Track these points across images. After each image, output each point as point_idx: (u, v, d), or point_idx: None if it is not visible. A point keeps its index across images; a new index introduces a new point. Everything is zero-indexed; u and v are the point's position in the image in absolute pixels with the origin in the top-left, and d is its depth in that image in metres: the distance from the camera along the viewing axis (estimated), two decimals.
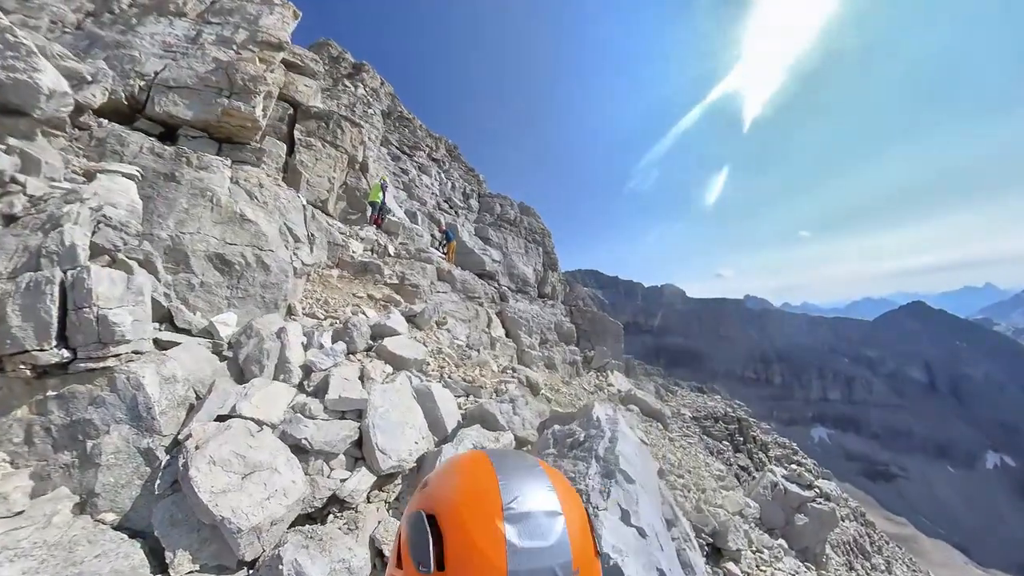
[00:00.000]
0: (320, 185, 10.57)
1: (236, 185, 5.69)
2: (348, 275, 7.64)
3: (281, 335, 3.84)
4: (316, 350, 4.00)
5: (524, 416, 4.23)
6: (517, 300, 19.77)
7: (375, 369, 4.13)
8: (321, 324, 4.89)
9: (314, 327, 4.70)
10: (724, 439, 21.14)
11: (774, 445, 25.12)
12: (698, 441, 19.02)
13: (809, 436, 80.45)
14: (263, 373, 3.49)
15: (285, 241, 5.72)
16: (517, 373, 8.65)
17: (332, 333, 4.53)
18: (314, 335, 4.23)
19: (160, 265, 3.94)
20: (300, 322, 4.85)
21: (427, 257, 10.12)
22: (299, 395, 3.44)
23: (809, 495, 9.43)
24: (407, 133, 22.57)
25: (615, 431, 2.95)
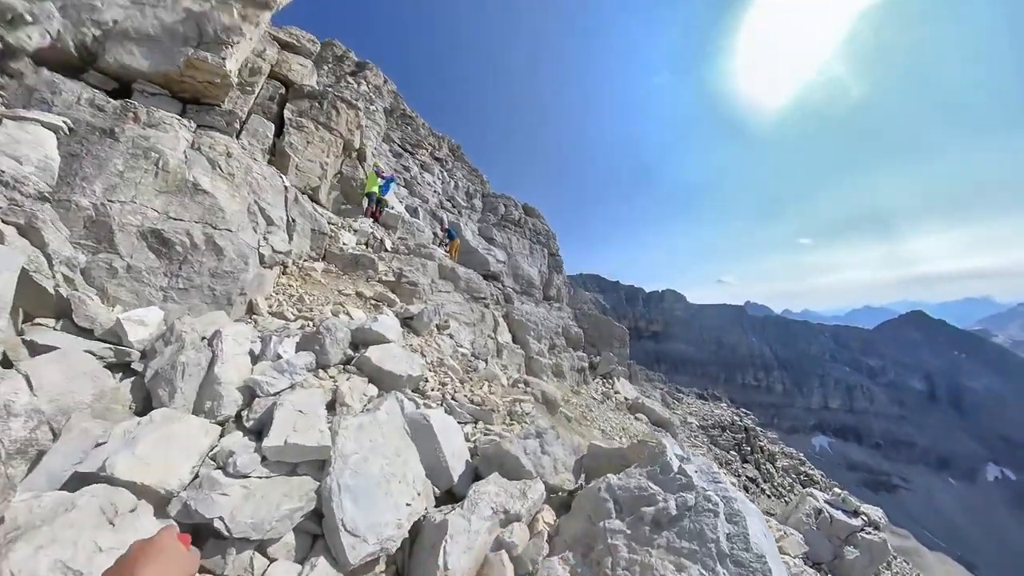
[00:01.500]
0: (311, 171, 9.47)
1: (196, 151, 4.57)
2: (335, 269, 6.52)
3: (215, 342, 2.70)
4: (268, 364, 2.85)
5: (555, 454, 3.10)
6: (523, 302, 18.66)
7: (353, 391, 2.96)
8: (287, 327, 3.75)
9: (276, 331, 3.56)
10: (732, 449, 20.23)
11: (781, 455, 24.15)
12: (707, 452, 18.09)
13: (810, 445, 79.55)
14: (173, 400, 2.34)
15: (254, 222, 4.60)
16: (530, 387, 7.50)
17: (299, 339, 3.39)
18: (271, 342, 3.08)
19: (53, 236, 2.82)
20: (262, 323, 3.72)
21: (428, 253, 9.02)
22: (231, 435, 2.28)
23: (857, 524, 8.27)
24: (409, 131, 21.61)
25: (726, 497, 1.83)
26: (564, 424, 7.30)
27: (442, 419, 3.15)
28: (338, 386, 3.03)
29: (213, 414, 2.45)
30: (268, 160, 8.84)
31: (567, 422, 7.52)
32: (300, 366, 2.84)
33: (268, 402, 2.56)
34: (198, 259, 3.55)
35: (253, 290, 3.97)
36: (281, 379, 2.72)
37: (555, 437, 3.27)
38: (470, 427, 3.92)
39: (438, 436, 2.90)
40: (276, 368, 2.75)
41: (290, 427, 2.30)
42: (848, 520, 8.08)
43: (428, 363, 4.78)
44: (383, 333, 3.76)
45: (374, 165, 11.12)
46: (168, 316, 3.28)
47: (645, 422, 16.28)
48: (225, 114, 5.44)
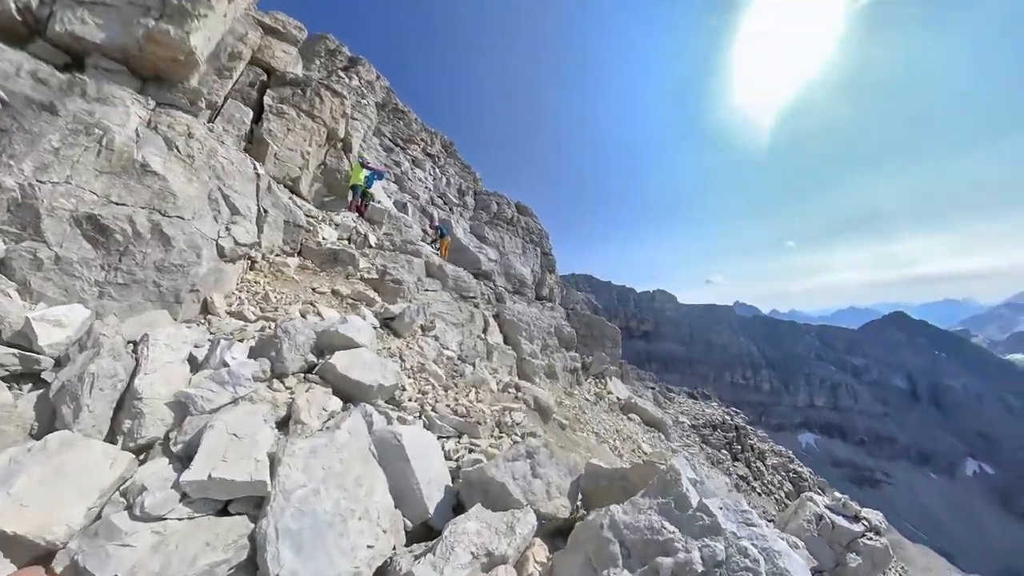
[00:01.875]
0: (291, 160, 8.96)
1: (151, 130, 4.09)
2: (312, 265, 6.05)
3: (140, 348, 2.27)
4: (208, 375, 2.41)
5: (548, 477, 2.72)
6: (515, 302, 18.28)
7: (311, 405, 2.54)
8: (244, 329, 3.30)
9: (230, 334, 3.12)
10: (723, 447, 20.27)
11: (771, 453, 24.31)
12: (699, 451, 18.06)
13: (797, 442, 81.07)
14: (78, 420, 1.91)
15: (215, 211, 4.13)
16: (522, 392, 7.13)
17: (254, 344, 2.95)
18: (218, 348, 2.64)
19: None
20: (217, 325, 3.27)
21: (414, 249, 8.58)
22: (154, 463, 1.86)
23: (858, 529, 8.09)
24: (401, 126, 21.06)
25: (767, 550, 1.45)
26: (557, 432, 6.95)
27: (417, 437, 2.74)
28: (294, 399, 2.61)
29: (132, 436, 2.02)
30: (244, 148, 8.31)
31: (560, 430, 7.17)
32: (245, 376, 2.40)
33: (202, 421, 2.13)
34: (141, 250, 3.08)
35: (208, 287, 3.52)
36: (221, 392, 2.29)
37: (548, 456, 2.90)
38: (453, 442, 3.52)
39: (411, 459, 2.50)
40: (216, 379, 2.31)
41: (218, 455, 1.88)
42: (850, 526, 7.86)
43: (407, 369, 4.37)
44: (351, 336, 3.33)
45: (360, 156, 10.61)
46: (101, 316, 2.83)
47: (638, 422, 16.16)
48: (189, 91, 4.90)
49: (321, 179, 10.33)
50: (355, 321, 3.51)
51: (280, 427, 2.55)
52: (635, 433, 14.07)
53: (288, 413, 2.59)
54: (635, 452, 11.57)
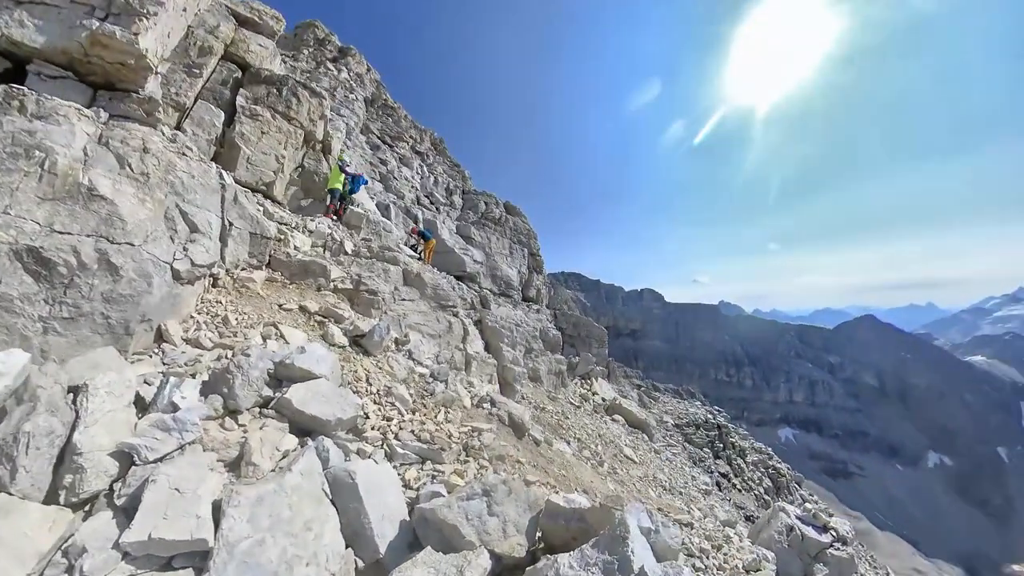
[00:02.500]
0: (265, 164, 8.74)
1: (102, 146, 3.93)
2: (281, 278, 5.93)
3: (80, 399, 2.20)
4: (153, 420, 2.35)
5: (505, 514, 2.75)
6: (500, 305, 18.28)
7: (264, 445, 2.51)
8: (198, 360, 3.22)
9: (183, 366, 3.05)
10: (705, 446, 20.81)
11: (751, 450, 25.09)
12: (682, 451, 18.52)
13: (776, 436, 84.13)
14: (15, 482, 1.84)
15: (171, 230, 4.00)
16: (496, 408, 7.15)
17: (207, 379, 2.89)
18: (166, 387, 2.57)
19: None
20: (171, 356, 3.18)
21: (392, 256, 8.48)
22: (97, 518, 1.82)
23: (827, 540, 8.31)
24: (390, 122, 20.71)
25: None
26: (531, 449, 6.98)
27: (372, 473, 2.74)
28: (247, 438, 2.58)
29: (75, 491, 1.97)
30: (215, 152, 8.08)
31: (535, 446, 7.21)
32: (191, 421, 2.35)
33: (147, 472, 2.09)
34: (87, 281, 2.97)
35: (162, 314, 3.41)
36: (167, 439, 2.24)
37: (506, 494, 2.92)
38: (415, 469, 3.52)
39: (364, 498, 2.50)
40: (160, 426, 2.26)
41: (159, 513, 1.85)
42: (818, 537, 8.08)
43: (372, 393, 4.33)
44: (309, 368, 3.28)
45: (340, 159, 10.41)
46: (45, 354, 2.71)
47: (622, 423, 16.38)
48: (144, 101, 4.69)
49: (298, 182, 10.13)
50: (314, 350, 3.46)
51: (232, 468, 2.52)
52: (618, 436, 14.28)
53: (240, 453, 2.55)
54: (616, 457, 11.71)
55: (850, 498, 67.39)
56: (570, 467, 7.30)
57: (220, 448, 2.49)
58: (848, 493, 69.75)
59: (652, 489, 10.71)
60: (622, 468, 10.99)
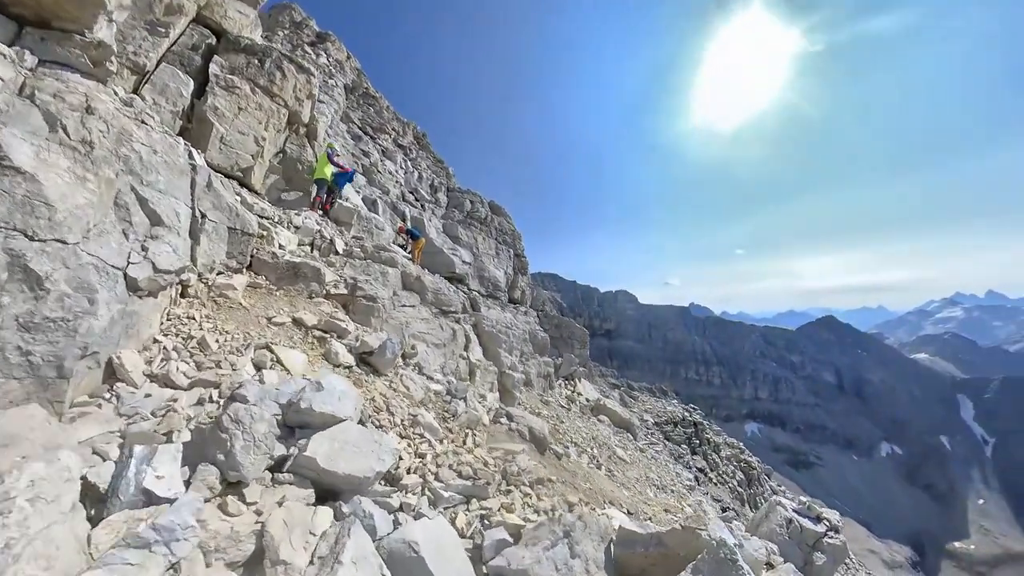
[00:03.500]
0: (242, 146, 7.55)
1: (25, 100, 2.86)
2: (266, 283, 4.90)
3: None
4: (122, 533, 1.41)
5: (586, 553, 2.09)
6: (489, 308, 17.45)
7: (291, 528, 1.65)
8: (171, 409, 2.26)
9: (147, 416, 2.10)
10: (683, 442, 21.09)
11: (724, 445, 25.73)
12: (663, 448, 18.62)
13: (743, 431, 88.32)
14: None
15: (124, 223, 2.98)
16: (515, 423, 6.40)
17: (191, 439, 1.97)
18: (130, 463, 1.64)
19: None
20: (129, 403, 2.21)
21: (389, 257, 7.52)
22: None
23: (821, 529, 8.62)
24: (372, 112, 19.32)
25: None
26: (555, 464, 6.30)
27: (431, 536, 1.98)
28: (264, 524, 1.71)
29: None
30: (181, 129, 6.84)
31: (557, 460, 6.54)
32: (183, 525, 1.43)
33: None
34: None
35: (112, 342, 2.41)
36: (149, 562, 1.33)
37: (583, 528, 2.25)
38: (462, 512, 2.76)
39: (433, 571, 1.73)
40: (134, 541, 1.34)
41: None
42: (814, 527, 8.45)
43: (398, 425, 3.50)
44: (331, 411, 2.41)
45: (328, 146, 9.26)
46: None
47: (607, 423, 16.30)
48: (91, 46, 3.54)
49: (279, 170, 8.94)
50: (333, 384, 2.58)
51: (249, 572, 1.65)
52: (608, 437, 14.12)
53: (259, 548, 1.68)
54: (611, 459, 11.42)
55: (811, 487, 71.53)
56: (592, 479, 6.73)
57: (226, 547, 1.62)
58: (809, 483, 74.07)
59: (649, 489, 10.55)
60: (618, 470, 10.78)
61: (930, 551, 62.17)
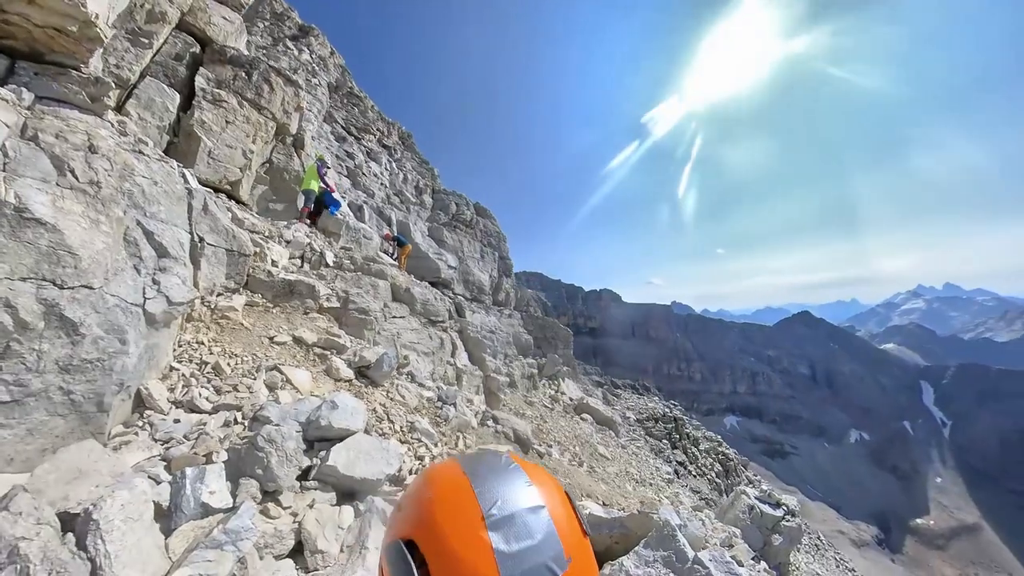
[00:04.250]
0: (230, 159, 7.66)
1: (28, 143, 3.02)
2: (262, 302, 5.10)
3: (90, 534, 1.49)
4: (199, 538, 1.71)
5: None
6: (474, 312, 17.75)
7: (324, 525, 2.05)
8: (202, 432, 2.52)
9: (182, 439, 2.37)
10: (664, 438, 21.97)
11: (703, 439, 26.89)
12: (644, 444, 19.40)
13: (723, 423, 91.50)
14: None
15: (135, 258, 3.18)
16: (500, 425, 6.79)
17: (229, 458, 2.25)
18: (185, 485, 1.93)
19: None
20: (162, 429, 2.45)
21: (378, 269, 7.76)
22: None
23: (780, 514, 9.57)
24: (356, 113, 19.22)
25: None
26: (535, 460, 6.75)
27: None
28: (300, 523, 2.06)
29: None
30: (168, 144, 6.91)
31: (539, 459, 6.97)
32: (245, 528, 1.74)
33: None
34: (32, 347, 2.18)
35: (141, 374, 2.66)
36: (222, 559, 1.64)
37: None
38: None
39: None
40: (211, 543, 1.65)
41: None
42: (773, 512, 9.38)
43: (398, 431, 3.83)
44: (347, 425, 2.75)
45: (318, 157, 9.36)
46: None
47: (590, 422, 16.86)
48: (89, 82, 3.65)
49: (265, 180, 9.02)
50: (345, 402, 2.90)
51: (293, 558, 1.99)
52: (590, 435, 14.69)
53: (298, 541, 2.03)
54: (593, 456, 11.96)
55: (786, 475, 75.30)
56: (571, 475, 7.21)
57: (273, 542, 1.96)
58: (784, 471, 77.81)
59: (628, 484, 11.10)
60: (599, 466, 11.31)
61: (894, 528, 66.01)
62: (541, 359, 21.04)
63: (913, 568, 55.89)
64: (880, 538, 61.80)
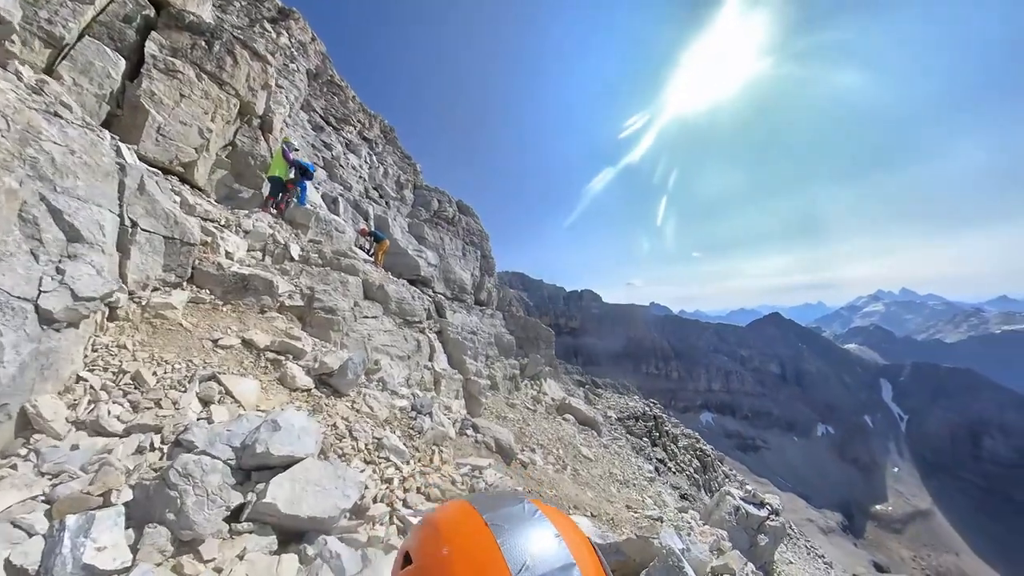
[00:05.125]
0: (183, 138, 6.90)
1: None
2: (211, 300, 4.48)
3: None
4: None
5: None
6: (455, 311, 17.20)
7: None
8: (103, 464, 1.97)
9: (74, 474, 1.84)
10: (644, 436, 22.17)
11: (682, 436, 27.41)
12: (626, 443, 19.49)
13: (699, 420, 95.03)
14: None
15: (33, 241, 2.59)
16: (480, 434, 6.36)
17: (133, 498, 1.74)
18: (63, 539, 1.42)
19: None
20: (50, 459, 1.90)
21: (349, 265, 7.16)
22: None
23: (764, 514, 9.64)
24: (336, 102, 18.20)
25: None
26: (521, 474, 6.34)
27: None
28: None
29: None
30: (108, 115, 6.11)
31: (523, 469, 6.58)
32: None
33: None
34: None
35: (27, 388, 2.08)
36: None
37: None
38: None
39: None
40: None
41: None
42: (758, 512, 9.47)
43: (362, 450, 3.35)
44: (290, 452, 2.24)
45: (284, 140, 8.64)
46: None
47: (573, 422, 16.73)
48: None
49: (227, 164, 8.24)
50: (291, 421, 2.39)
51: None
52: (573, 436, 14.55)
53: None
54: (576, 458, 11.76)
55: (758, 468, 78.84)
56: (558, 485, 6.85)
57: None
58: (756, 464, 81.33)
59: (612, 486, 10.97)
60: (583, 468, 11.14)
61: (857, 515, 70.34)
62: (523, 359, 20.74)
63: (873, 551, 59.91)
64: (844, 525, 65.52)
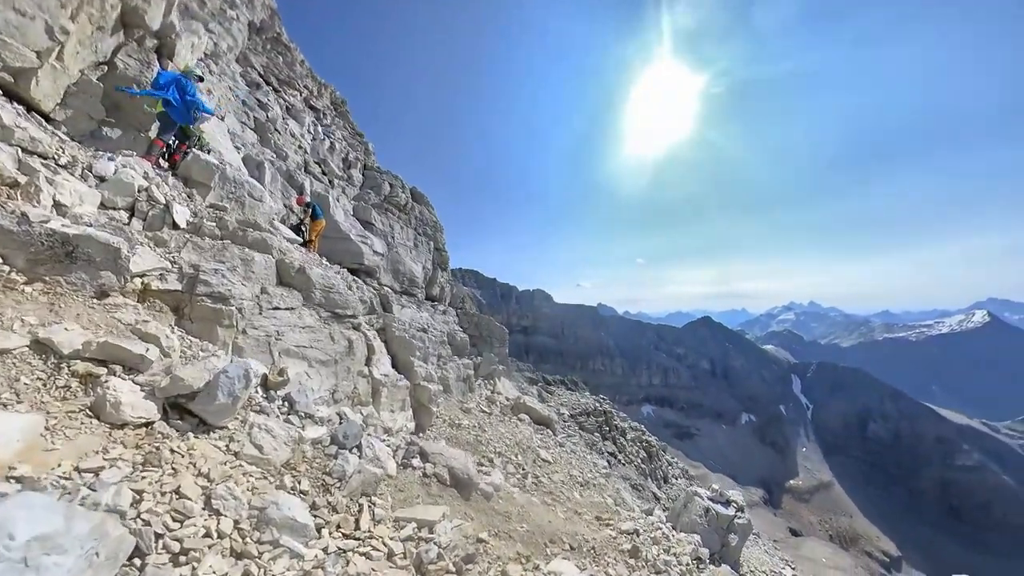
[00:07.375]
0: (20, 34, 4.74)
1: None
2: (7, 275, 2.75)
3: None
4: None
5: None
6: (404, 306, 15.45)
7: None
8: None
9: None
10: (595, 431, 22.25)
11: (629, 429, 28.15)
12: (580, 440, 19.27)
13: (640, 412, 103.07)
14: None
15: None
16: (430, 462, 5.06)
17: None
18: None
19: None
20: None
21: (259, 239, 5.44)
22: None
23: (732, 512, 9.49)
24: (281, 63, 15.30)
25: None
26: (483, 509, 5.13)
27: None
28: None
29: None
30: None
31: (486, 502, 5.38)
32: None
33: None
34: None
35: None
36: None
37: None
38: None
39: None
40: None
41: None
42: (726, 511, 9.29)
43: (227, 535, 1.95)
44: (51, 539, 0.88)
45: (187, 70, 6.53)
46: None
47: (528, 422, 16.10)
48: None
49: (96, 90, 5.94)
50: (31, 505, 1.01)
51: None
52: (530, 438, 13.88)
53: None
54: (535, 463, 11.02)
55: (693, 453, 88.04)
56: (528, 515, 5.67)
57: None
58: (691, 450, 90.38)
59: (575, 491, 10.37)
60: (544, 474, 10.40)
61: (774, 489, 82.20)
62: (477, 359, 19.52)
63: (789, 519, 70.96)
64: (765, 498, 76.24)
